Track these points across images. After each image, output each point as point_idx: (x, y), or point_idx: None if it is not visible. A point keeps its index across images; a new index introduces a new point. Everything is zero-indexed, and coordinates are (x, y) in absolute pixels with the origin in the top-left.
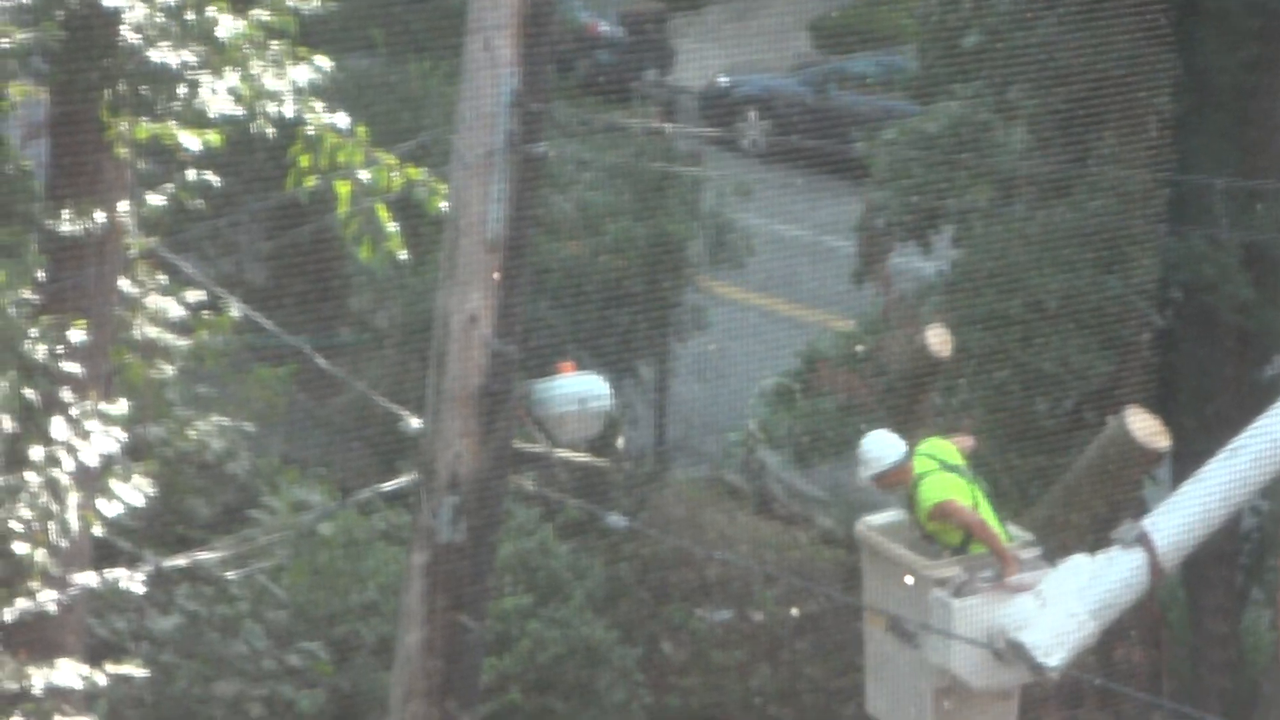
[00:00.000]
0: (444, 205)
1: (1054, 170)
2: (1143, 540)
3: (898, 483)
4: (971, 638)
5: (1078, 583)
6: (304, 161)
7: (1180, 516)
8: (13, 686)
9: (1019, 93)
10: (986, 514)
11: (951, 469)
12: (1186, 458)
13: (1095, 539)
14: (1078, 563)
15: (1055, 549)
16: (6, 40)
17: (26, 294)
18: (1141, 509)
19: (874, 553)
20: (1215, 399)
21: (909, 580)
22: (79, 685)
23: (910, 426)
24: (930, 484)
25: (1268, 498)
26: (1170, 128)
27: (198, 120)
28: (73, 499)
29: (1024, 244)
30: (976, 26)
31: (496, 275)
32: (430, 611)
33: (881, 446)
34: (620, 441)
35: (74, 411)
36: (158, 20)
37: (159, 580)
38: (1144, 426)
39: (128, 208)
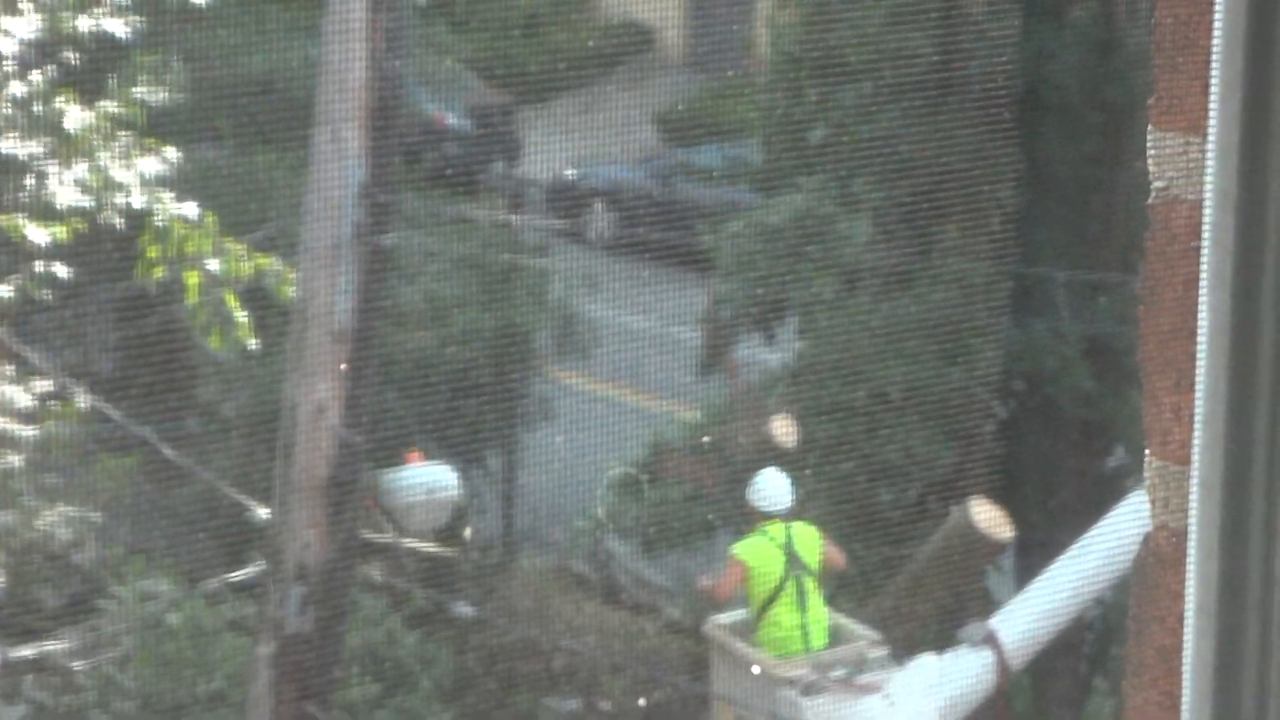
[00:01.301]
0: (293, 293)
1: (897, 262)
2: (990, 640)
3: (752, 522)
4: None
5: (925, 682)
6: (152, 252)
7: (1028, 615)
8: None
9: (863, 185)
10: (782, 607)
11: (788, 553)
12: (1030, 548)
13: (940, 629)
14: (925, 662)
15: (900, 639)
16: None
17: None
18: (985, 599)
19: (723, 651)
20: (1058, 489)
21: (755, 670)
22: None
23: (754, 519)
24: (748, 540)
25: (1112, 588)
26: (1013, 220)
27: (45, 211)
28: None
29: (868, 335)
30: (821, 120)
31: (344, 365)
32: (278, 702)
33: (762, 485)
34: (468, 532)
35: None
36: (5, 111)
37: (5, 670)
38: (987, 517)
39: None
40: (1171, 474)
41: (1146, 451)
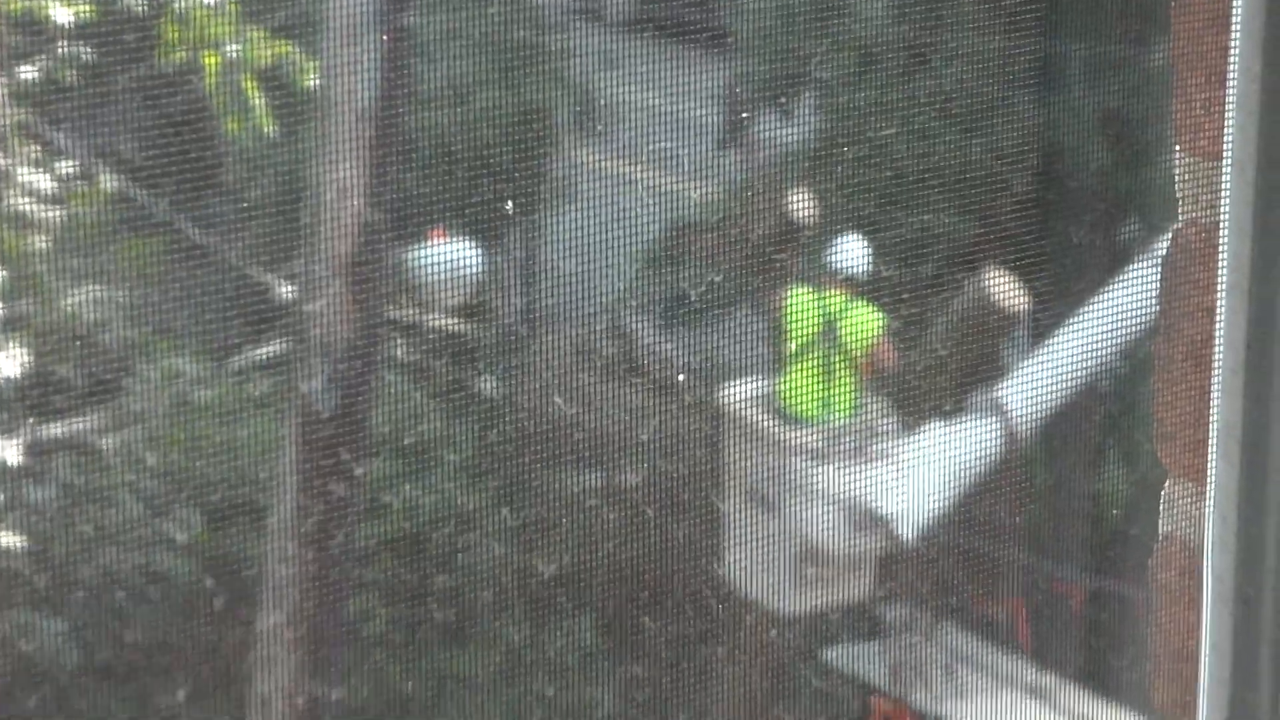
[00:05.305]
0: (314, 80)
1: (914, 36)
2: (997, 408)
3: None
4: (830, 505)
5: (933, 452)
6: (173, 34)
7: (1034, 383)
8: None
9: None
10: (806, 371)
11: (828, 325)
12: (1044, 320)
13: (954, 402)
14: (933, 431)
15: (912, 410)
16: None
17: None
18: (1000, 372)
19: (734, 420)
20: (1073, 262)
21: (770, 427)
22: None
23: (775, 289)
24: (800, 291)
25: (1126, 360)
26: None
27: None
28: None
29: (885, 110)
30: None
31: (367, 145)
32: (303, 480)
33: (837, 245)
34: (489, 307)
35: None
36: None
37: (33, 450)
38: (1001, 288)
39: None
40: (1202, 169)
41: (1176, 148)
